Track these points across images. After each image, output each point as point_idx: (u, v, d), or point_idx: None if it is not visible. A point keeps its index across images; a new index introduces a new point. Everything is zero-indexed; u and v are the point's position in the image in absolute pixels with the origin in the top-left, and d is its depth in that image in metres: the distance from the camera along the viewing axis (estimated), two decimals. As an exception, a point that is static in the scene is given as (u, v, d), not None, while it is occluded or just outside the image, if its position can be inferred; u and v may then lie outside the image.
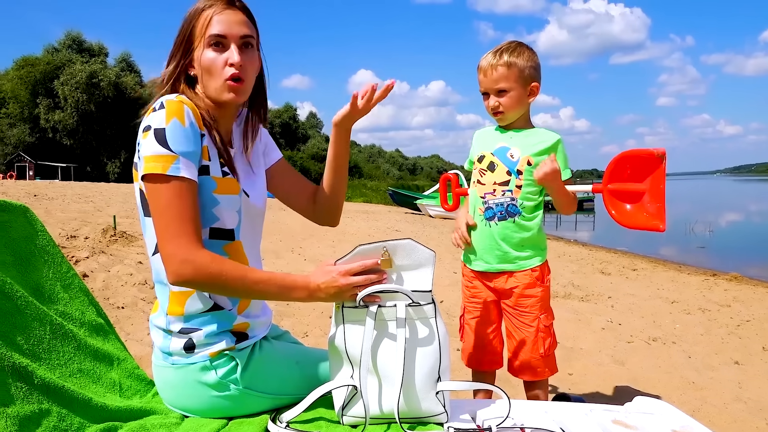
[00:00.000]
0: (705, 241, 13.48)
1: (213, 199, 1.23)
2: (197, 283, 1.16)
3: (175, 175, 1.14)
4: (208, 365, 1.25)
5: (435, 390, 1.20)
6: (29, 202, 10.01)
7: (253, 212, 1.35)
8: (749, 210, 27.51)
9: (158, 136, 1.15)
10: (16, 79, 43.45)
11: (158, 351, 1.30)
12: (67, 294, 1.45)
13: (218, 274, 1.15)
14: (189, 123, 1.18)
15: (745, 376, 3.33)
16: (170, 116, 1.15)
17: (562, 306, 5.09)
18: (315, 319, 4.11)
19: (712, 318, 4.86)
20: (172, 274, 1.15)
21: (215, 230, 1.25)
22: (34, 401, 1.09)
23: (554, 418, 1.26)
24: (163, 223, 1.15)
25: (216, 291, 1.23)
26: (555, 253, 9.70)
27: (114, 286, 4.37)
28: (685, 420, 1.29)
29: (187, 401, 1.29)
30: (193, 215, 1.16)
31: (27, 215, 1.45)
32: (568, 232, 15.26)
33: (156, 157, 1.14)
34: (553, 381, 3.07)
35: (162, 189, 1.15)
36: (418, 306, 1.19)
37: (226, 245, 1.28)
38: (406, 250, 1.20)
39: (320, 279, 1.19)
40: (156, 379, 1.34)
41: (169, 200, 1.14)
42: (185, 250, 1.13)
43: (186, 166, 1.16)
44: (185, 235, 1.14)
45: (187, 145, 1.17)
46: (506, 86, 1.83)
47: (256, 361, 1.30)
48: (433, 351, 1.20)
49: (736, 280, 7.33)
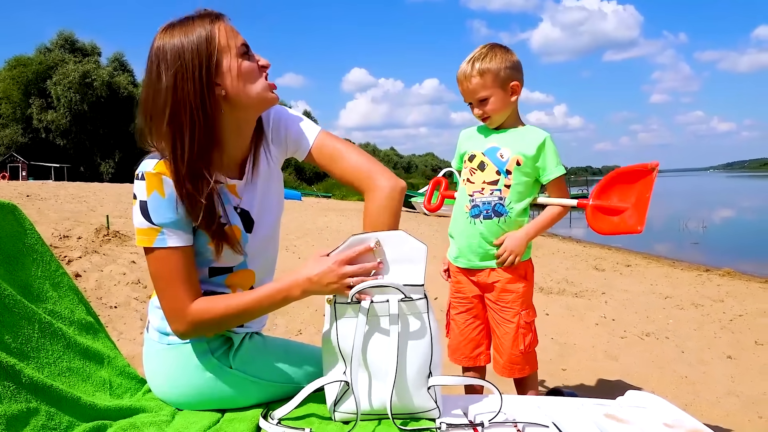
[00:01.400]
0: (698, 237, 13.53)
1: (210, 249, 1.25)
2: (197, 331, 1.23)
3: (161, 246, 1.18)
4: (204, 345, 1.28)
5: (426, 385, 1.20)
6: (22, 202, 9.95)
7: (260, 238, 1.33)
8: (742, 206, 27.65)
9: (142, 208, 1.17)
10: (8, 79, 43.19)
11: (154, 332, 1.31)
12: (56, 292, 1.44)
13: (212, 318, 1.20)
14: (169, 193, 1.16)
15: (738, 371, 3.35)
16: (150, 189, 1.16)
17: (556, 302, 5.10)
18: (309, 317, 4.11)
19: (705, 313, 4.88)
20: (174, 331, 1.23)
21: (213, 269, 1.29)
22: (22, 400, 1.08)
23: (546, 413, 1.26)
24: (158, 289, 1.22)
25: (220, 330, 1.27)
26: (549, 249, 9.72)
27: (107, 285, 4.35)
28: (677, 414, 1.29)
29: (176, 384, 1.29)
30: (184, 276, 1.20)
31: (15, 213, 1.44)
32: (562, 229, 15.29)
33: (142, 230, 1.18)
34: (546, 376, 3.08)
35: (152, 259, 1.20)
36: (411, 301, 1.18)
37: (227, 278, 1.31)
38: (397, 241, 1.19)
39: (314, 270, 1.17)
40: (147, 365, 1.34)
41: (158, 268, 1.20)
42: (178, 309, 1.20)
43: (171, 235, 1.18)
44: (176, 297, 1.19)
45: (169, 215, 1.17)
46: (486, 94, 1.85)
47: (248, 345, 1.33)
48: (425, 346, 1.20)
49: (729, 275, 7.37)
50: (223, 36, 1.18)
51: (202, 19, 1.18)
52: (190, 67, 1.14)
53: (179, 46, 1.15)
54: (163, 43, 1.16)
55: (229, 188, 1.27)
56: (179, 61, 1.14)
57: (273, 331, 3.72)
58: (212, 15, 1.20)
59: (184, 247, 1.20)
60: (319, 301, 1.27)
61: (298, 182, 44.31)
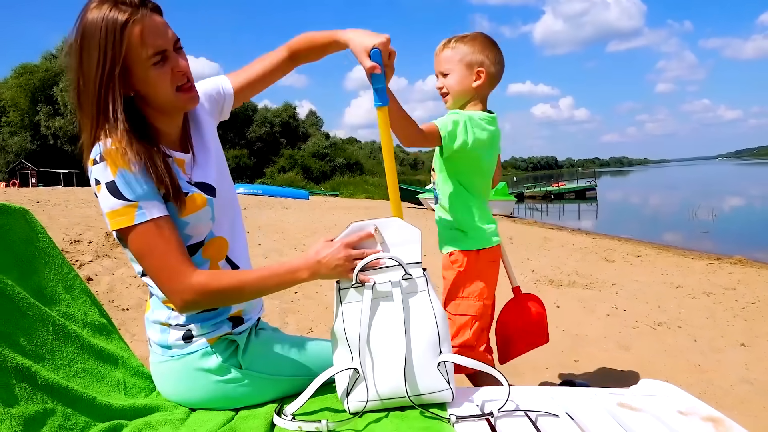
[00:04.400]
0: (709, 226, 13.44)
1: (181, 222, 1.24)
2: (203, 303, 1.21)
3: (143, 220, 1.15)
4: (209, 351, 1.28)
5: (437, 362, 1.21)
6: (32, 208, 10.00)
7: (223, 201, 1.33)
8: (752, 194, 27.42)
9: (111, 189, 1.14)
10: (15, 87, 43.46)
11: (156, 347, 1.32)
12: (69, 295, 1.46)
13: (218, 289, 1.20)
14: (135, 167, 1.14)
15: (752, 358, 3.32)
16: (115, 167, 1.13)
17: (567, 294, 5.09)
18: (320, 314, 4.12)
19: (717, 301, 4.85)
20: (179, 306, 1.20)
21: (189, 246, 1.27)
22: (39, 401, 1.09)
23: (559, 403, 1.26)
24: (151, 265, 1.18)
25: (224, 304, 1.28)
26: (559, 242, 9.69)
27: (118, 288, 4.38)
28: (691, 401, 1.29)
29: (188, 392, 1.30)
30: (176, 246, 1.18)
31: (26, 218, 1.46)
32: (571, 221, 15.22)
33: (116, 211, 1.15)
34: (558, 367, 3.08)
35: (138, 237, 1.16)
36: (411, 279, 1.23)
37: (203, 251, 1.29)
38: (394, 227, 1.26)
39: (323, 252, 1.22)
40: (156, 378, 1.35)
41: (147, 245, 1.16)
42: (180, 282, 1.17)
43: (149, 207, 1.16)
44: (174, 268, 1.17)
45: (144, 187, 1.15)
46: (449, 68, 1.83)
47: (254, 343, 1.35)
48: (431, 323, 1.23)
49: (740, 263, 7.31)
50: (135, 41, 1.13)
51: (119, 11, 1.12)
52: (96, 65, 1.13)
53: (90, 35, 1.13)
54: (84, 23, 1.14)
55: (177, 162, 1.27)
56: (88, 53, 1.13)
57: (284, 329, 3.73)
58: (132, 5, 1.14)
59: (166, 216, 1.18)
60: (329, 299, 1.28)
61: (306, 182, 44.40)
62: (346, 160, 52.80)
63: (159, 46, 1.16)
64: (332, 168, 51.24)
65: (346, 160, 52.97)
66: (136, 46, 1.14)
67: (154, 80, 1.18)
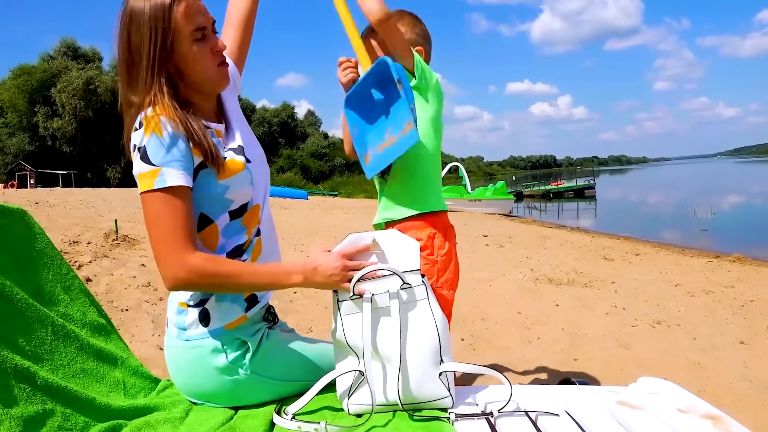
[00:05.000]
0: (707, 224, 13.46)
1: (221, 186, 1.26)
2: (193, 284, 1.20)
3: (162, 186, 1.16)
4: (220, 348, 1.28)
5: (438, 371, 1.21)
6: (31, 209, 10.02)
7: (258, 167, 1.36)
8: (751, 191, 27.45)
9: (141, 153, 1.17)
10: (13, 88, 43.38)
11: (173, 327, 1.32)
12: (68, 295, 1.45)
13: (213, 273, 1.19)
14: (167, 132, 1.17)
15: (751, 356, 3.33)
16: (148, 131, 1.17)
17: (566, 293, 5.09)
18: (319, 314, 4.12)
19: (716, 299, 4.85)
20: (167, 279, 1.18)
21: (233, 212, 1.30)
22: (38, 402, 1.09)
23: (558, 401, 1.26)
24: (156, 234, 1.18)
25: (213, 290, 1.27)
26: (558, 240, 9.69)
27: (117, 289, 4.38)
28: (690, 399, 1.29)
29: (192, 380, 1.31)
30: (185, 221, 1.19)
31: (25, 218, 1.45)
32: (570, 220, 15.23)
33: (142, 174, 1.17)
34: (557, 366, 3.08)
35: (152, 202, 1.18)
36: (410, 288, 1.22)
37: (243, 219, 1.32)
38: (391, 239, 1.26)
39: (319, 260, 1.23)
40: (167, 359, 1.36)
41: (159, 212, 1.17)
42: (178, 256, 1.17)
43: (171, 175, 1.17)
44: (177, 241, 1.17)
45: (170, 154, 1.17)
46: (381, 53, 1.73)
47: (264, 347, 1.34)
48: (431, 332, 1.22)
49: (739, 261, 7.33)
50: (182, 18, 1.21)
51: None
52: (147, 41, 1.20)
53: (138, 18, 1.20)
54: (130, 9, 1.21)
55: (215, 132, 1.31)
56: (138, 34, 1.20)
57: (283, 329, 3.73)
58: None
59: (184, 187, 1.19)
60: (328, 299, 1.28)
61: (305, 182, 44.41)
62: (344, 160, 52.81)
63: (200, 23, 1.23)
64: (331, 168, 51.28)
65: (344, 159, 52.98)
66: (181, 22, 1.21)
67: (195, 57, 1.24)
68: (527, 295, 5.01)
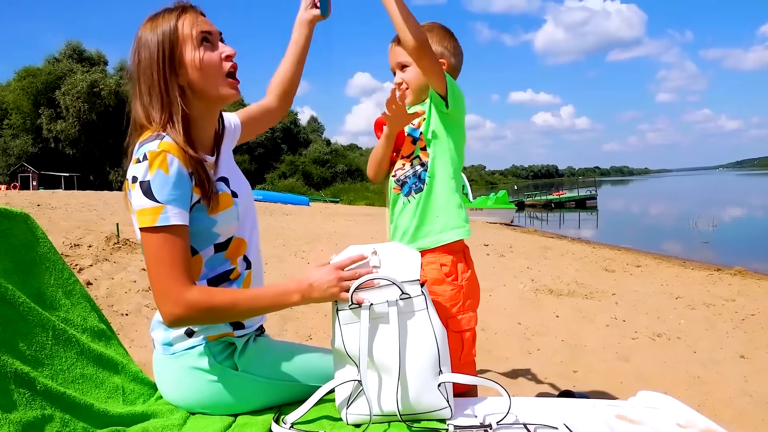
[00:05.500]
0: (709, 236, 13.45)
1: (210, 220, 1.28)
2: (191, 319, 1.21)
3: (164, 225, 1.18)
4: (205, 351, 1.29)
5: (437, 383, 1.21)
6: (32, 211, 10.03)
7: (244, 203, 1.39)
8: (753, 204, 27.42)
9: (144, 188, 1.18)
10: (18, 90, 43.53)
11: (159, 345, 1.33)
12: (69, 300, 1.46)
13: (209, 307, 1.20)
14: (173, 169, 1.19)
15: (751, 370, 3.32)
16: (154, 167, 1.17)
17: (566, 304, 5.08)
18: (319, 322, 4.11)
19: (717, 312, 4.84)
20: (166, 315, 1.19)
21: (217, 245, 1.32)
22: (37, 407, 1.09)
23: (557, 414, 1.26)
24: (155, 272, 1.19)
25: (212, 321, 1.28)
26: (558, 251, 9.68)
27: (118, 293, 4.38)
28: (689, 414, 1.28)
29: (185, 392, 1.31)
30: (183, 257, 1.20)
31: (28, 223, 1.46)
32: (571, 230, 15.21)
33: (144, 210, 1.18)
34: (556, 378, 3.07)
35: (153, 239, 1.19)
36: (409, 298, 1.22)
37: (227, 251, 1.34)
38: (392, 250, 1.27)
39: (314, 275, 1.24)
40: (156, 377, 1.36)
41: (159, 249, 1.18)
42: (176, 292, 1.18)
43: (174, 213, 1.19)
44: (175, 278, 1.18)
45: (174, 192, 1.19)
46: (406, 60, 1.67)
47: (252, 348, 1.35)
48: (430, 343, 1.22)
49: (740, 274, 7.31)
50: (187, 27, 1.27)
51: (169, 13, 1.29)
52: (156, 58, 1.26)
53: (147, 38, 1.27)
54: (140, 35, 1.29)
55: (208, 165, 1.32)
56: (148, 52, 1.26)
57: (283, 336, 3.73)
58: (179, 8, 1.30)
59: (184, 226, 1.21)
60: (328, 307, 1.28)
61: (306, 188, 44.45)
62: (346, 167, 52.88)
63: (205, 28, 1.29)
64: (333, 174, 51.30)
65: (346, 166, 53.05)
66: (186, 29, 1.27)
67: (204, 63, 1.28)
68: (527, 305, 5.00)
